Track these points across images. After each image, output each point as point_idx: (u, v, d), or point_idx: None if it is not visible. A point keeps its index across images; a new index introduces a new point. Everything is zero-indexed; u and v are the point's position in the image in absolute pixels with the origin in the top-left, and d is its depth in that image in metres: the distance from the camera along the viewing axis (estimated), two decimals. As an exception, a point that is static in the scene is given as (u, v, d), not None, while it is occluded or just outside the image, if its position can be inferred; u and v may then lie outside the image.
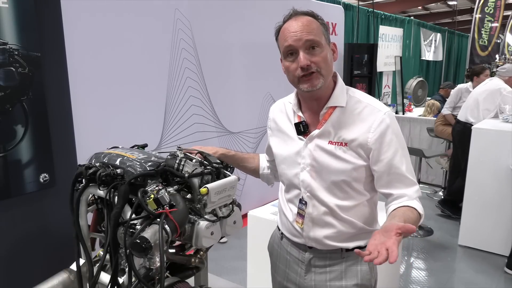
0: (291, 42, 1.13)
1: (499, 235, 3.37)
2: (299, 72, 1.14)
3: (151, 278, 0.94)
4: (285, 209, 1.34)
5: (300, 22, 1.14)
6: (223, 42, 3.51)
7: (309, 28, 1.13)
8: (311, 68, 1.12)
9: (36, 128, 1.87)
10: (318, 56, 1.13)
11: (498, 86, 4.01)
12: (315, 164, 1.21)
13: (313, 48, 1.13)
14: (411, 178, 1.19)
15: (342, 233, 1.24)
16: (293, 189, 1.29)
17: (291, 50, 1.15)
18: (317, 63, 1.13)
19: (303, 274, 1.31)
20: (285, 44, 1.15)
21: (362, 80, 5.35)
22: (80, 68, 2.37)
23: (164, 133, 3.06)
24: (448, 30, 12.53)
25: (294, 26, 1.14)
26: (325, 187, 1.22)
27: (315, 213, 1.24)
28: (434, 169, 5.23)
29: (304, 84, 1.15)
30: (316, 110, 1.23)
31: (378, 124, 1.15)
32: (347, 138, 1.17)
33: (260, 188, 3.63)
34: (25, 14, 1.78)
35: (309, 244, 1.28)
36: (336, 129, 1.19)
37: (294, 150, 1.25)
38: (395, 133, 1.17)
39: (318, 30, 1.15)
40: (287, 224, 1.34)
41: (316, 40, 1.13)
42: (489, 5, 8.76)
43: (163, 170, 1.04)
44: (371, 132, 1.15)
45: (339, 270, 1.27)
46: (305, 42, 1.12)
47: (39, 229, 1.95)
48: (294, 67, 1.14)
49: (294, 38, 1.13)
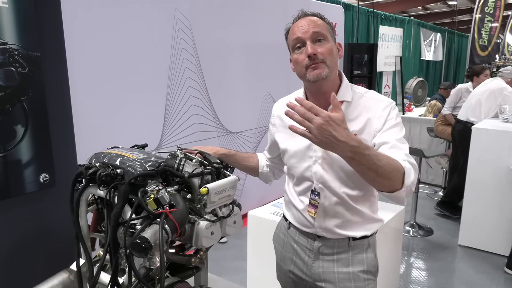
0: (299, 35, 1.22)
1: (499, 235, 3.37)
2: (306, 62, 1.21)
3: (151, 278, 0.94)
4: (295, 201, 1.39)
5: (308, 19, 1.24)
6: (223, 42, 3.52)
7: (316, 23, 1.23)
8: (317, 58, 1.20)
9: (36, 128, 1.87)
10: (324, 47, 1.21)
11: (500, 86, 4.02)
12: (327, 157, 1.26)
13: (319, 41, 1.22)
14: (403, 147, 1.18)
15: (351, 222, 1.31)
16: (304, 181, 1.34)
17: (299, 43, 1.23)
18: (323, 54, 1.20)
19: (311, 262, 1.36)
20: (294, 37, 1.24)
21: (362, 80, 5.35)
22: (80, 68, 2.37)
23: (164, 133, 3.06)
24: (448, 30, 12.54)
25: (302, 23, 1.24)
26: (337, 178, 1.28)
27: (327, 203, 1.30)
28: (434, 169, 5.23)
29: (311, 73, 1.21)
30: (324, 105, 1.25)
31: (382, 110, 1.23)
32: (355, 129, 1.23)
33: (260, 188, 3.64)
34: (25, 14, 1.78)
35: (319, 233, 1.33)
36: None
37: (304, 144, 1.30)
38: (396, 116, 1.24)
39: (324, 27, 1.24)
40: (297, 214, 1.38)
41: (322, 32, 1.22)
42: (489, 5, 8.77)
43: (163, 170, 1.03)
44: (377, 119, 1.23)
45: (346, 257, 1.33)
46: (312, 34, 1.21)
47: (39, 229, 1.95)
48: (302, 57, 1.22)
49: (302, 31, 1.22)
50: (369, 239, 1.35)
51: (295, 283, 1.43)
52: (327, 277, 1.33)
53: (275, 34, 4.25)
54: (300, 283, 1.41)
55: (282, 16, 3.94)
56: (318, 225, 1.32)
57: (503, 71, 4.23)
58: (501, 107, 3.84)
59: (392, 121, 1.22)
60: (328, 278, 1.33)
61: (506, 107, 3.78)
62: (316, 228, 1.33)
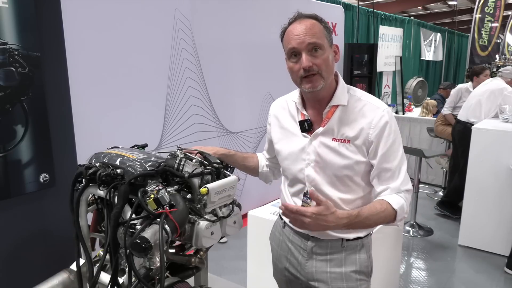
0: (294, 45, 1.19)
1: (499, 235, 3.37)
2: (301, 73, 1.20)
3: (151, 278, 0.94)
4: (288, 201, 1.40)
5: (303, 25, 1.20)
6: (223, 42, 3.51)
7: (312, 31, 1.19)
8: (313, 70, 1.19)
9: (36, 128, 1.87)
10: (319, 59, 1.19)
11: (500, 86, 4.01)
12: (319, 160, 1.27)
13: (315, 50, 1.19)
14: (400, 174, 1.23)
15: None
16: (297, 183, 1.34)
17: (294, 52, 1.21)
18: (318, 65, 1.19)
19: (304, 261, 1.37)
20: (289, 46, 1.21)
21: (362, 80, 5.35)
22: (80, 68, 2.37)
23: (164, 133, 3.06)
24: (448, 30, 12.53)
25: (298, 29, 1.20)
26: (328, 182, 1.28)
27: None
28: (434, 169, 5.23)
29: (306, 85, 1.21)
30: (319, 108, 1.29)
31: (378, 121, 1.21)
32: (349, 135, 1.23)
33: (260, 188, 3.63)
34: (25, 14, 1.78)
35: (312, 234, 1.34)
36: (338, 126, 1.25)
37: (298, 146, 1.31)
38: (393, 130, 1.23)
39: (320, 33, 1.20)
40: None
41: (318, 42, 1.18)
42: (489, 5, 8.76)
43: (163, 170, 1.04)
44: (372, 128, 1.22)
45: (339, 258, 1.33)
46: (307, 45, 1.18)
47: (39, 229, 1.95)
48: (297, 67, 1.21)
49: (297, 41, 1.18)
50: (363, 240, 1.35)
51: (290, 281, 1.44)
52: (320, 276, 1.34)
53: (275, 34, 4.22)
54: (296, 282, 1.41)
55: (282, 16, 3.91)
56: None
57: (503, 71, 4.23)
58: (501, 107, 3.84)
59: (391, 138, 1.21)
60: (320, 278, 1.34)
61: (506, 107, 3.78)
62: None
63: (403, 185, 1.23)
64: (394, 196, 1.22)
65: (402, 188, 1.23)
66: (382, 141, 1.21)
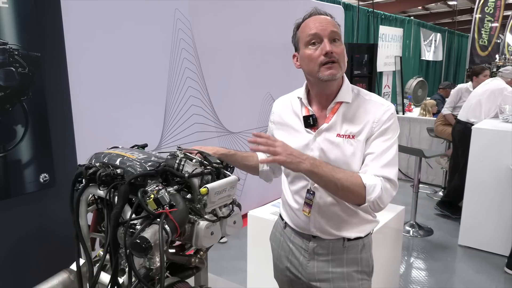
0: (317, 31, 1.22)
1: (499, 235, 3.37)
2: (322, 59, 1.21)
3: (151, 278, 0.94)
4: (290, 200, 1.39)
5: (324, 17, 1.26)
6: (223, 42, 3.51)
7: (333, 23, 1.25)
8: (334, 57, 1.21)
9: (36, 128, 1.86)
10: (339, 48, 1.23)
11: (500, 86, 4.01)
12: (323, 156, 1.27)
13: (334, 41, 1.23)
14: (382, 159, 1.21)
15: (346, 222, 1.31)
16: (300, 180, 1.34)
17: (315, 39, 1.22)
18: (338, 54, 1.22)
19: (306, 262, 1.37)
20: (310, 32, 1.23)
21: (362, 80, 5.34)
22: (80, 68, 2.37)
23: (164, 133, 3.06)
24: (448, 30, 12.53)
25: (320, 19, 1.25)
26: None
27: (322, 202, 1.30)
28: (434, 169, 5.23)
29: (326, 71, 1.21)
30: (324, 104, 1.31)
31: (381, 115, 1.24)
32: (354, 131, 1.25)
33: (260, 188, 3.64)
34: (25, 14, 1.78)
35: (314, 233, 1.34)
36: (342, 122, 1.26)
37: (302, 143, 1.31)
38: (393, 126, 1.25)
39: (338, 28, 1.27)
40: (292, 214, 1.39)
41: (338, 33, 1.24)
42: (489, 5, 8.76)
43: (163, 170, 1.03)
44: (376, 122, 1.23)
45: (341, 258, 1.34)
46: (330, 33, 1.22)
47: (39, 229, 1.95)
48: (318, 54, 1.21)
49: (320, 28, 1.22)
50: (364, 240, 1.35)
51: (292, 281, 1.43)
52: (322, 277, 1.34)
53: (275, 34, 4.25)
54: (297, 282, 1.41)
55: (282, 16, 3.94)
56: (313, 224, 1.33)
57: (503, 71, 4.23)
58: (501, 107, 3.84)
59: (385, 125, 1.23)
60: (322, 278, 1.34)
61: (506, 107, 3.78)
62: (311, 227, 1.33)
63: (383, 169, 1.20)
64: (369, 175, 1.20)
65: (380, 172, 1.19)
66: (380, 132, 1.23)
